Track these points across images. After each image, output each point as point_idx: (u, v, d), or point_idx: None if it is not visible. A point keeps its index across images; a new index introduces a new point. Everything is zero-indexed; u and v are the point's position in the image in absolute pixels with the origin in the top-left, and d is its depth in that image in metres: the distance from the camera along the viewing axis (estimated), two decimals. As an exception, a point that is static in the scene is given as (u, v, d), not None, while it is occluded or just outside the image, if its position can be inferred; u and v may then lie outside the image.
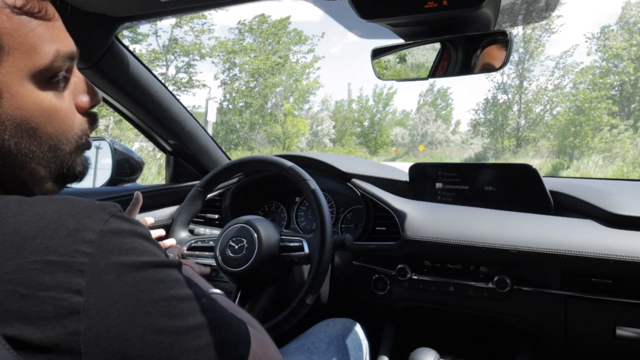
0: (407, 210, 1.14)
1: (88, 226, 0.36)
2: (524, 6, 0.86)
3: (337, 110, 33.04)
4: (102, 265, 0.35)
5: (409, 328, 1.25)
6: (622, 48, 17.28)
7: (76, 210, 0.37)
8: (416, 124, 31.00)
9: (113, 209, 0.40)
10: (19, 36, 0.39)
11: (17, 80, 0.40)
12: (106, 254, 0.36)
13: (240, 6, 0.89)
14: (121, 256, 0.37)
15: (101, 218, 0.38)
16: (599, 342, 0.97)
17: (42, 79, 0.42)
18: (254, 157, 1.14)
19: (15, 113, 0.40)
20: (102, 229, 0.37)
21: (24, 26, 0.40)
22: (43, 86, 0.42)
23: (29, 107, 0.41)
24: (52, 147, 0.44)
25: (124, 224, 0.39)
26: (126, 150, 1.32)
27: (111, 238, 0.37)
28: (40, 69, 0.41)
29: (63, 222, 0.36)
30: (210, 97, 10.12)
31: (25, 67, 0.40)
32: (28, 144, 0.42)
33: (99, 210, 0.38)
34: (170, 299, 0.39)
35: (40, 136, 0.42)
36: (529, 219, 1.03)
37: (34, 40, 0.40)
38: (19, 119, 0.40)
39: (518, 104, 21.59)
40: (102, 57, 1.01)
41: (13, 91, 0.39)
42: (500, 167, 1.14)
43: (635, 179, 4.22)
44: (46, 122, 0.42)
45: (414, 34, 0.83)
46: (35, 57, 0.40)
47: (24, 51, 0.39)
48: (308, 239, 1.02)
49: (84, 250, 0.35)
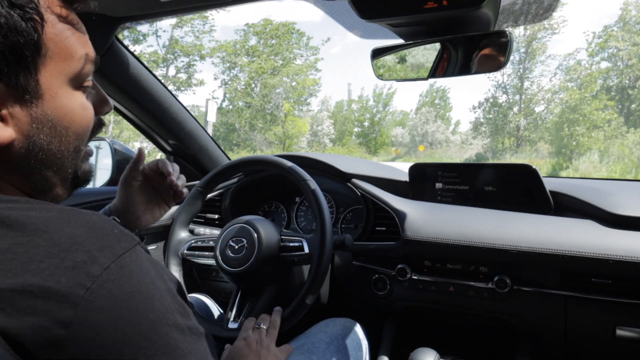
0: (407, 210, 1.14)
1: (97, 260, 0.36)
2: (524, 6, 0.86)
3: (337, 111, 33.05)
4: (97, 302, 0.34)
5: (409, 328, 1.25)
6: (622, 49, 17.31)
7: (91, 239, 0.37)
8: (416, 124, 31.02)
9: (130, 243, 0.39)
10: (59, 42, 0.42)
11: (57, 83, 0.43)
12: (105, 292, 0.35)
13: (240, 6, 0.89)
14: (120, 298, 0.36)
15: (114, 252, 0.37)
16: (598, 342, 0.97)
17: (77, 83, 0.45)
18: (254, 157, 1.14)
19: (54, 113, 0.43)
20: (110, 266, 0.36)
21: (64, 33, 0.43)
22: (76, 90, 0.45)
23: (65, 107, 0.44)
24: (75, 147, 0.46)
25: (135, 264, 0.38)
26: (126, 150, 1.32)
27: (116, 276, 0.36)
28: (75, 72, 0.44)
29: (74, 252, 0.35)
30: (210, 97, 10.13)
31: (64, 71, 0.43)
32: (59, 143, 0.44)
33: (114, 242, 0.38)
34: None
35: (70, 136, 0.45)
36: (529, 219, 1.03)
37: (71, 46, 0.44)
38: (56, 120, 0.43)
39: (518, 104, 21.60)
40: (102, 57, 1.01)
41: (53, 93, 0.42)
42: (500, 167, 1.14)
43: (635, 179, 4.23)
44: (77, 122, 0.45)
45: (414, 34, 0.83)
46: (72, 62, 0.44)
47: (63, 56, 0.43)
48: (308, 239, 1.02)
49: (84, 284, 0.34)
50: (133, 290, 0.37)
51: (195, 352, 0.39)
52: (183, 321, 0.40)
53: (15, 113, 0.40)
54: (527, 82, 21.18)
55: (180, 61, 17.59)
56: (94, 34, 0.48)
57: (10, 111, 0.40)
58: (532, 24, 2.17)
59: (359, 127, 32.81)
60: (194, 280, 1.44)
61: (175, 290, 0.41)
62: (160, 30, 17.39)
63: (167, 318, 0.38)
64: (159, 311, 0.38)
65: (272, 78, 19.43)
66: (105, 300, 0.35)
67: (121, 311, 0.35)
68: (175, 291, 0.41)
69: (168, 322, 0.38)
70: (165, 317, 0.38)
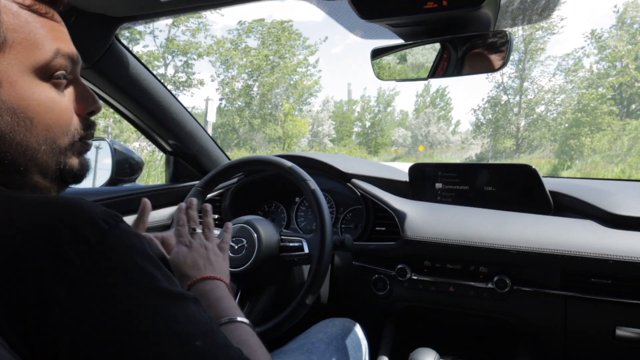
0: (407, 210, 1.14)
1: (82, 236, 0.36)
2: (523, 6, 0.86)
3: (337, 111, 33.06)
4: (86, 278, 0.35)
5: (409, 328, 1.25)
6: (621, 50, 17.32)
7: (74, 217, 0.37)
8: (416, 124, 31.03)
9: (113, 219, 0.39)
10: (22, 32, 0.42)
11: (17, 72, 0.42)
12: (93, 267, 0.36)
13: (240, 6, 0.89)
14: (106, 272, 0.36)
15: (99, 228, 0.38)
16: (598, 343, 0.97)
17: (44, 75, 0.44)
18: (254, 157, 1.14)
19: (13, 101, 0.42)
20: (95, 241, 0.37)
21: (28, 24, 0.43)
22: (45, 82, 0.45)
23: (27, 97, 0.43)
24: (48, 140, 0.46)
25: (119, 239, 0.39)
26: (126, 150, 1.32)
27: (102, 250, 0.37)
28: (41, 64, 0.44)
29: (59, 230, 0.36)
30: (209, 97, 10.12)
31: (27, 61, 0.43)
32: (24, 133, 0.43)
33: (98, 219, 0.38)
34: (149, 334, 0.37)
35: (37, 127, 0.44)
36: (529, 219, 1.03)
37: (37, 37, 0.43)
38: (16, 108, 0.42)
39: (518, 104, 21.60)
40: (102, 57, 1.01)
41: (12, 81, 0.42)
42: (500, 168, 1.14)
43: (635, 179, 4.22)
44: (42, 114, 0.44)
45: (414, 34, 0.83)
46: (36, 53, 0.43)
47: (26, 46, 0.42)
48: (308, 239, 1.02)
49: (71, 260, 0.35)
50: (119, 263, 0.37)
51: (184, 316, 0.40)
52: (171, 288, 0.40)
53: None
54: (527, 82, 21.20)
55: (178, 60, 17.59)
56: (94, 34, 0.49)
57: None
58: (532, 23, 2.17)
59: (359, 127, 32.85)
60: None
61: (161, 262, 0.42)
62: (157, 30, 17.34)
63: (155, 287, 0.39)
64: (146, 281, 0.38)
65: (269, 76, 19.40)
66: (94, 275, 0.36)
67: (109, 285, 0.36)
68: (160, 263, 0.42)
69: (156, 291, 0.39)
70: (153, 285, 0.39)
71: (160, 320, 0.37)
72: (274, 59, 19.23)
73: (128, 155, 1.32)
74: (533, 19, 0.93)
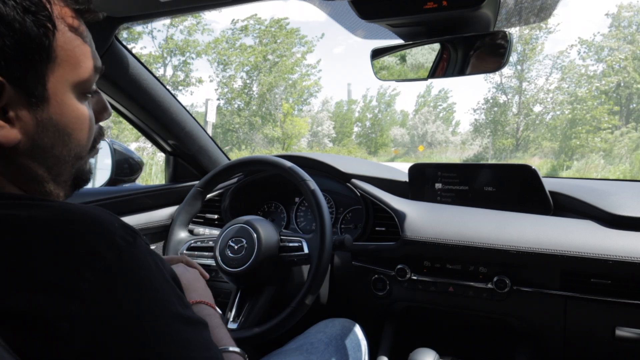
0: (407, 210, 1.14)
1: (99, 254, 0.36)
2: (523, 7, 0.86)
3: (337, 111, 33.06)
4: (100, 296, 0.35)
5: (409, 328, 1.25)
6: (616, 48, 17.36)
7: (92, 233, 0.38)
8: (416, 125, 31.04)
9: (131, 235, 0.39)
10: (69, 50, 0.44)
11: (63, 90, 0.44)
12: (107, 285, 0.36)
13: (240, 6, 0.89)
14: (122, 291, 0.36)
15: (115, 246, 0.38)
16: (598, 343, 0.97)
17: (81, 91, 0.46)
18: (254, 157, 1.14)
19: (58, 118, 0.44)
20: (112, 259, 0.37)
21: (73, 42, 0.44)
22: (80, 97, 0.47)
23: (69, 114, 0.45)
24: (77, 154, 0.48)
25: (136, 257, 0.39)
26: (125, 150, 1.32)
27: (118, 269, 0.37)
28: (81, 81, 0.46)
29: (75, 246, 0.36)
30: (209, 98, 10.10)
31: (71, 79, 0.44)
32: (61, 148, 0.45)
33: (115, 235, 0.38)
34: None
35: (72, 142, 0.46)
36: (529, 219, 1.03)
37: (79, 55, 0.45)
38: (61, 125, 0.44)
39: (517, 104, 21.61)
40: (102, 58, 1.00)
41: (59, 99, 0.44)
42: (500, 168, 1.14)
43: (635, 179, 4.23)
44: (78, 130, 0.47)
45: (414, 34, 0.83)
46: (78, 71, 0.45)
47: (71, 64, 0.44)
48: (307, 240, 1.02)
49: (87, 278, 0.35)
50: (135, 282, 0.38)
51: (198, 341, 0.40)
52: (184, 312, 0.41)
53: (22, 116, 0.41)
54: (525, 82, 21.21)
55: (177, 59, 17.57)
56: (94, 34, 0.49)
57: (18, 113, 0.41)
58: (532, 24, 2.17)
59: (359, 127, 32.86)
60: (194, 280, 1.44)
61: (174, 282, 0.42)
62: (155, 30, 17.29)
63: (169, 309, 0.39)
64: (161, 303, 0.39)
65: (268, 75, 19.35)
66: (107, 294, 0.36)
67: (123, 304, 0.36)
68: (174, 283, 0.42)
69: (170, 313, 0.39)
70: (167, 308, 0.39)
71: (173, 345, 0.38)
72: (272, 58, 19.20)
73: (128, 156, 1.32)
74: (533, 18, 0.93)
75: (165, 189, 1.39)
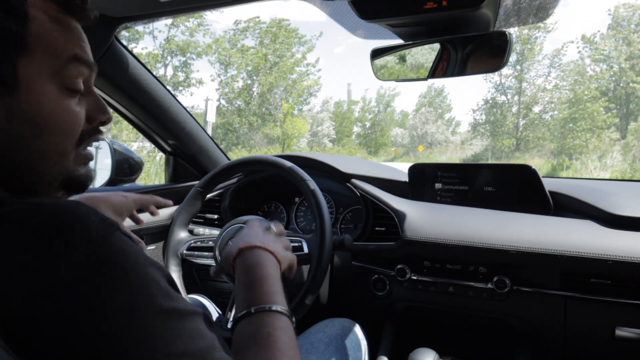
0: (407, 210, 1.14)
1: (76, 248, 0.36)
2: (523, 7, 0.86)
3: (337, 111, 33.05)
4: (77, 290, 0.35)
5: (409, 328, 1.25)
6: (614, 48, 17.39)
7: (69, 227, 0.37)
8: (416, 125, 31.05)
9: (109, 229, 0.39)
10: (46, 40, 0.43)
11: (39, 79, 0.43)
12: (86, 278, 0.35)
13: (240, 6, 0.89)
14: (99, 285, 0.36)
15: (93, 239, 0.37)
16: (598, 343, 0.97)
17: (60, 83, 0.45)
18: (254, 157, 1.14)
19: (28, 107, 0.42)
20: (89, 252, 0.36)
21: (51, 32, 0.43)
22: (62, 90, 0.45)
23: (45, 105, 0.43)
24: (59, 150, 0.46)
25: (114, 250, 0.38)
26: (125, 150, 1.32)
27: (96, 262, 0.36)
28: (60, 71, 0.44)
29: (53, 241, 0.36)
30: (209, 97, 10.10)
31: (46, 67, 0.43)
32: (38, 140, 0.44)
33: (93, 229, 0.38)
34: None
35: (49, 136, 0.44)
36: (528, 219, 1.03)
37: (58, 45, 0.44)
38: (33, 114, 0.42)
39: (517, 104, 21.61)
40: (102, 58, 1.01)
41: (34, 88, 0.42)
42: (500, 168, 1.14)
43: (634, 179, 4.23)
44: (54, 123, 0.44)
45: (414, 34, 0.83)
46: (55, 60, 0.44)
47: (47, 54, 0.43)
48: (307, 239, 1.02)
49: (63, 272, 0.35)
50: (111, 276, 0.37)
51: (183, 335, 0.38)
52: (168, 304, 0.39)
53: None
54: (525, 82, 21.21)
55: (177, 59, 17.56)
56: (93, 34, 0.49)
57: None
58: (532, 24, 2.16)
59: (359, 127, 32.87)
60: (194, 280, 1.44)
61: (158, 275, 0.41)
62: (156, 30, 17.33)
63: (148, 303, 0.38)
64: (139, 297, 0.37)
65: (268, 76, 19.35)
66: (83, 288, 0.35)
67: (100, 298, 0.36)
68: (158, 276, 0.41)
69: (149, 306, 0.38)
70: (146, 301, 0.38)
71: (152, 339, 0.36)
72: (273, 58, 19.20)
73: (128, 156, 1.31)
74: (533, 19, 0.93)
75: (165, 188, 1.39)
